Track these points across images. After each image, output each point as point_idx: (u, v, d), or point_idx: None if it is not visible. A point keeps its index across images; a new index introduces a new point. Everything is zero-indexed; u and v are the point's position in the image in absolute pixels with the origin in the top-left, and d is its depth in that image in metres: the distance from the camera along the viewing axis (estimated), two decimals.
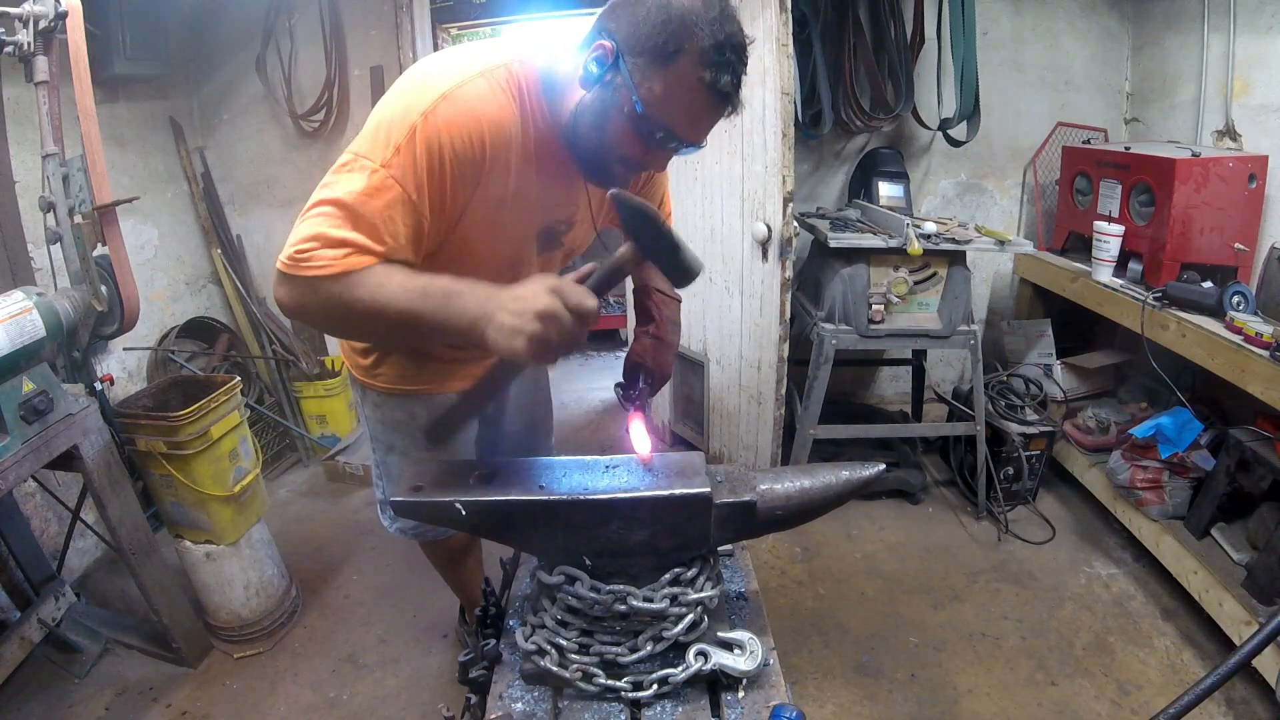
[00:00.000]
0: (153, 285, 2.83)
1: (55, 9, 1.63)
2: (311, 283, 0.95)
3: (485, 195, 1.05)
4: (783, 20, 2.12)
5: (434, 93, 0.97)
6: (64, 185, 1.73)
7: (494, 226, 1.10)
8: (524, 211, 1.12)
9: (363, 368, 1.40)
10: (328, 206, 0.95)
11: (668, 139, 0.99)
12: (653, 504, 0.97)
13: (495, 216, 1.09)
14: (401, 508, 1.01)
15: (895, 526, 2.64)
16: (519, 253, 1.19)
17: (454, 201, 1.02)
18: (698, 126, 1.00)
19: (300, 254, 0.93)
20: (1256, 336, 1.90)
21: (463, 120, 0.97)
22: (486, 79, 1.01)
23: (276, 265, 0.97)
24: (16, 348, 1.54)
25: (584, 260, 1.14)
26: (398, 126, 0.95)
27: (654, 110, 0.96)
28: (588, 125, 1.02)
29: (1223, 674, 0.70)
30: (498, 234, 1.12)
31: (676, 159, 1.11)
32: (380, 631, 2.19)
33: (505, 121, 1.02)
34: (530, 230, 1.17)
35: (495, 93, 1.01)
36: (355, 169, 0.96)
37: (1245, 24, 2.43)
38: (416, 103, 0.96)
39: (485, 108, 0.99)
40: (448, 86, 0.98)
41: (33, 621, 1.90)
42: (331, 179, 0.97)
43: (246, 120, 3.11)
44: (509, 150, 1.03)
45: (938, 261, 2.42)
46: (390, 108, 0.99)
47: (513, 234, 1.14)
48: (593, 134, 1.02)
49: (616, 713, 0.99)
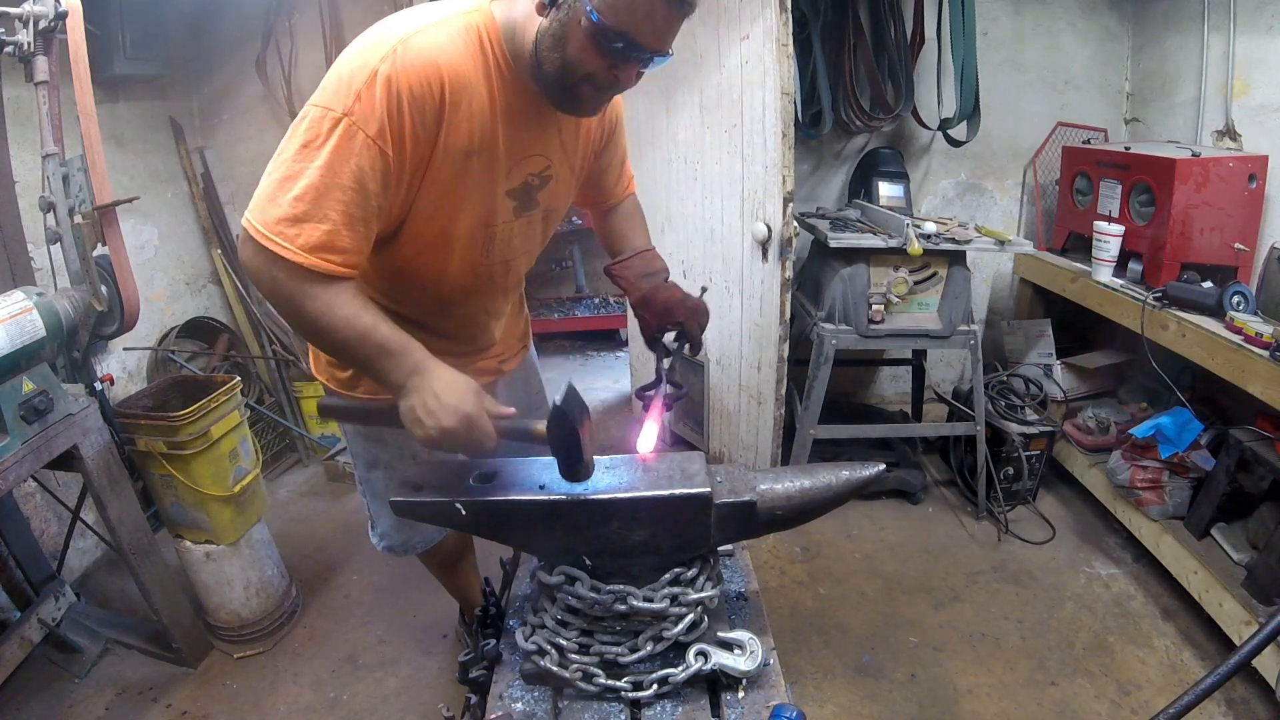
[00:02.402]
0: (153, 285, 2.83)
1: (55, 9, 1.64)
2: (276, 261, 0.97)
3: (450, 144, 1.05)
4: (783, 20, 2.12)
5: (390, 42, 0.98)
6: (64, 185, 1.73)
7: (462, 181, 1.09)
8: (493, 162, 1.11)
9: (341, 381, 1.38)
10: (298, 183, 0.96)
11: (629, 48, 0.99)
12: (653, 504, 0.97)
13: (463, 167, 1.08)
14: (401, 508, 1.01)
15: (895, 526, 2.64)
16: (491, 210, 1.17)
17: (415, 149, 1.02)
18: (657, 31, 0.99)
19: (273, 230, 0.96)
20: (1256, 336, 1.90)
21: (419, 65, 0.98)
22: (443, 28, 1.03)
23: (243, 223, 0.99)
24: (16, 348, 1.54)
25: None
26: (358, 75, 0.96)
27: (609, 18, 0.95)
28: (548, 49, 1.02)
29: (1223, 674, 0.70)
30: (467, 189, 1.11)
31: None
32: (380, 631, 2.19)
33: (464, 68, 1.03)
34: (500, 186, 1.16)
35: (453, 40, 1.02)
36: (320, 123, 0.96)
37: (1245, 24, 2.43)
38: (374, 53, 0.97)
39: (443, 55, 1.00)
40: (404, 34, 0.99)
41: (33, 621, 1.90)
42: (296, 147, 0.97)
43: (246, 120, 3.11)
44: (470, 97, 1.04)
45: (938, 261, 2.42)
46: (348, 61, 0.99)
47: (483, 190, 1.13)
48: (555, 56, 1.02)
49: (616, 713, 1.00)
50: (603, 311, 4.21)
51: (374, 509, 1.59)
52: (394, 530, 1.59)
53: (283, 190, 0.96)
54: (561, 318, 4.17)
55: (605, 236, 1.50)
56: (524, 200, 1.21)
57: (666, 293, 1.36)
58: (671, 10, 0.98)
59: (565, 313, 4.21)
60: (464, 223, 1.15)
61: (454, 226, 1.14)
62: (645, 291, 1.36)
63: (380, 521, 1.60)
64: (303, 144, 0.96)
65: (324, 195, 0.96)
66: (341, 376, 1.37)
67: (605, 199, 1.48)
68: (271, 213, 0.96)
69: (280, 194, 0.96)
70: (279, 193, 0.96)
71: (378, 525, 1.61)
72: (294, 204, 0.95)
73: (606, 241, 1.50)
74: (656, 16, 0.97)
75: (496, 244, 1.22)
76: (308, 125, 0.97)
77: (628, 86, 1.08)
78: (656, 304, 1.35)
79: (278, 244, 0.95)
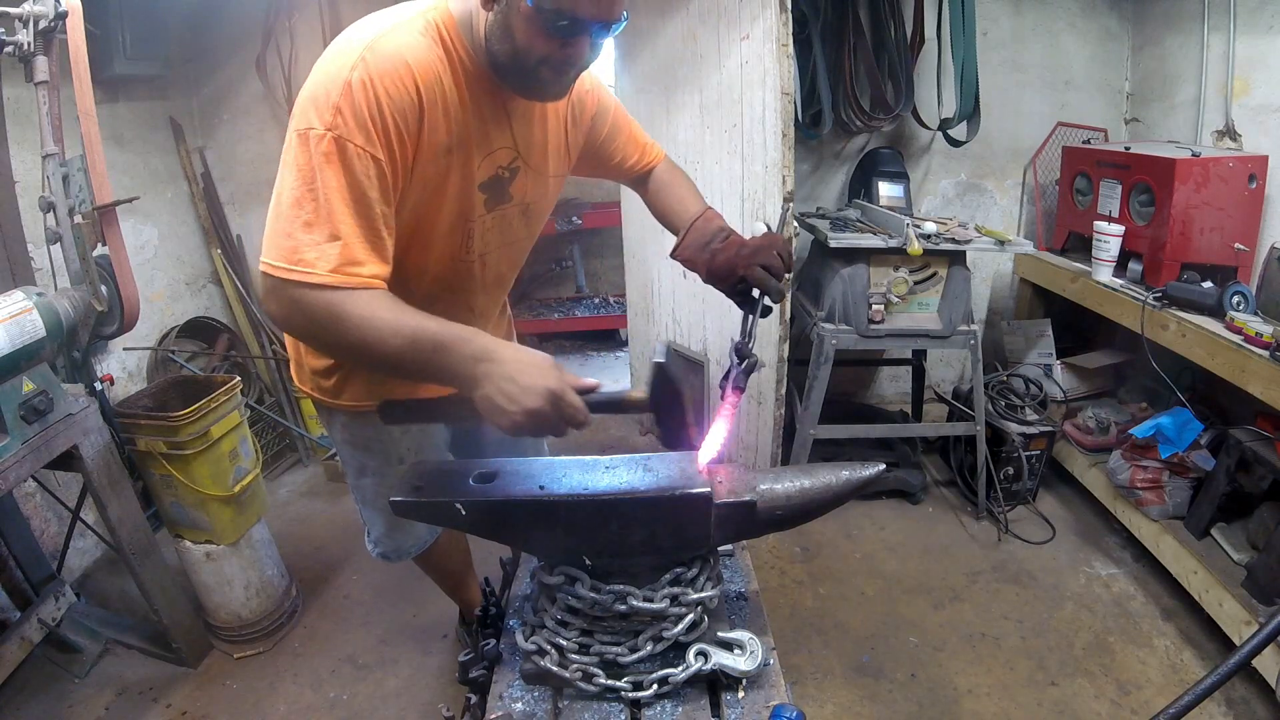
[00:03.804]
0: (153, 285, 2.83)
1: (55, 9, 1.63)
2: (299, 292, 0.94)
3: (432, 141, 1.05)
4: (783, 20, 2.12)
5: (356, 49, 0.97)
6: (64, 185, 1.72)
7: (444, 177, 1.09)
8: (466, 156, 1.11)
9: (326, 389, 1.36)
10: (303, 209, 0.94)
11: (573, 24, 0.97)
12: (653, 504, 0.97)
13: (445, 163, 1.08)
14: (401, 508, 1.01)
15: (895, 526, 2.64)
16: (469, 205, 1.16)
17: (403, 149, 1.01)
18: (596, 1, 0.97)
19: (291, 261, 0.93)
20: (1256, 336, 1.90)
21: (390, 67, 0.98)
22: (405, 29, 1.02)
23: (261, 268, 0.96)
24: (16, 348, 1.54)
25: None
26: (332, 89, 0.95)
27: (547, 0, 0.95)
28: (498, 40, 1.02)
29: (1223, 674, 0.70)
30: (448, 185, 1.11)
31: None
32: (380, 631, 2.19)
33: (431, 64, 1.02)
34: (474, 180, 1.15)
35: (415, 39, 1.02)
36: (305, 146, 0.94)
37: (1245, 24, 2.43)
38: (343, 65, 0.96)
39: (410, 54, 1.00)
40: (369, 39, 0.99)
41: (33, 621, 1.90)
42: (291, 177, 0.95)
43: (246, 120, 3.11)
44: (442, 93, 1.04)
45: (938, 261, 2.42)
46: (318, 80, 0.98)
47: (460, 185, 1.13)
48: (505, 48, 1.02)
49: (616, 713, 0.99)
50: (603, 311, 4.21)
51: (367, 516, 1.59)
52: (386, 536, 1.59)
53: (290, 222, 0.94)
54: (561, 318, 4.17)
55: (656, 215, 1.45)
56: (495, 193, 1.20)
57: (725, 254, 1.22)
58: None
59: (565, 313, 4.20)
60: (445, 219, 1.14)
61: (435, 223, 1.14)
62: (706, 262, 1.25)
63: (373, 528, 1.60)
64: (296, 171, 0.95)
65: (331, 214, 0.94)
66: (326, 385, 1.36)
67: (630, 174, 1.46)
68: (285, 245, 0.94)
69: (289, 226, 0.94)
70: (288, 225, 0.94)
71: (371, 532, 1.62)
72: (304, 230, 0.94)
73: (661, 221, 1.44)
74: None
75: (475, 240, 1.21)
76: (295, 152, 0.95)
77: (586, 61, 1.07)
78: (718, 270, 1.23)
79: (300, 273, 0.93)
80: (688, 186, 1.44)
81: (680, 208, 1.37)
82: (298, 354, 1.40)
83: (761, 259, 1.16)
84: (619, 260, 3.38)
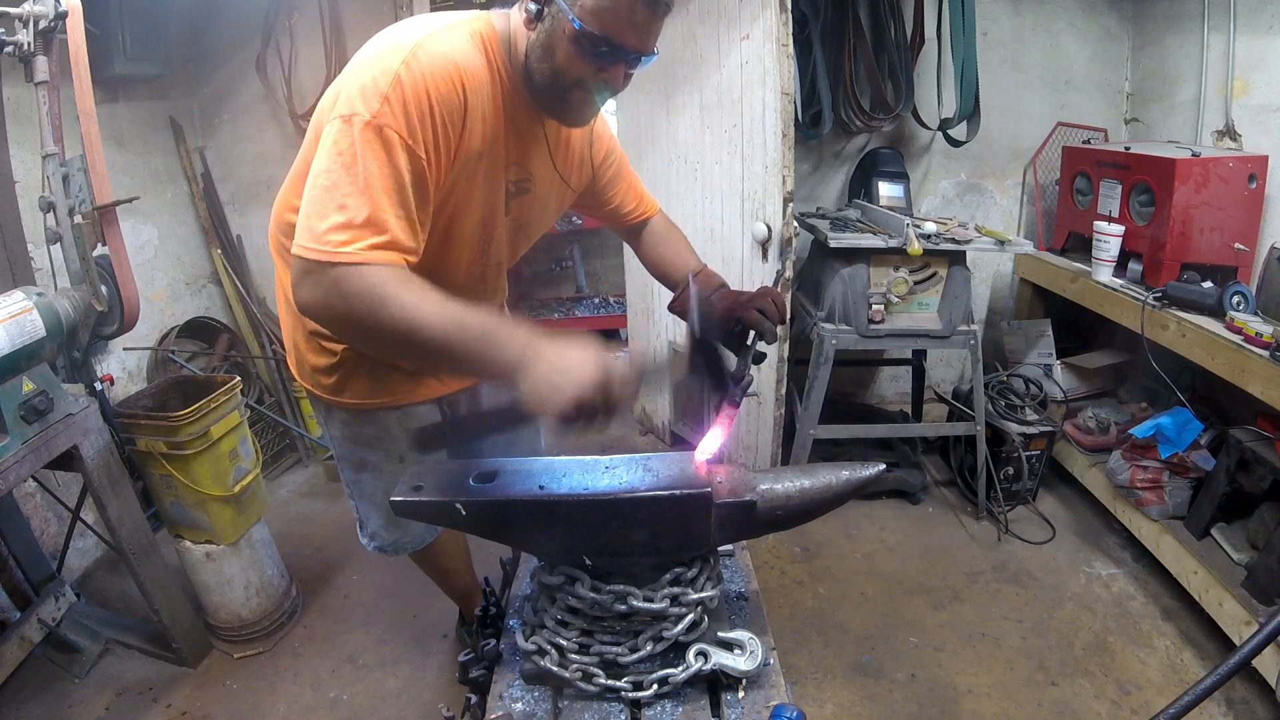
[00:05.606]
0: (153, 285, 2.83)
1: (55, 9, 1.63)
2: (338, 273, 0.90)
3: (469, 145, 1.07)
4: (783, 20, 2.12)
5: (407, 46, 0.99)
6: (64, 185, 1.72)
7: (472, 181, 1.12)
8: (495, 165, 1.14)
9: (327, 387, 1.36)
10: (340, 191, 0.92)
11: (613, 51, 1.02)
12: (653, 504, 0.97)
13: (475, 168, 1.11)
14: (401, 508, 1.00)
15: (895, 526, 2.64)
16: (492, 211, 1.19)
17: (444, 149, 1.02)
18: (638, 31, 1.02)
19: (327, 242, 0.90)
20: (1256, 336, 1.90)
21: (440, 65, 0.99)
22: (453, 32, 1.05)
23: (295, 252, 0.93)
24: (16, 348, 1.54)
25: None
26: (382, 79, 0.96)
27: (591, 23, 0.99)
28: (538, 59, 1.07)
29: (1223, 674, 0.70)
30: (475, 190, 1.13)
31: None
32: (380, 631, 2.19)
33: (478, 71, 1.05)
34: (500, 184, 1.18)
35: (464, 44, 1.05)
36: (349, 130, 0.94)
37: (1245, 24, 2.43)
38: (393, 58, 0.97)
39: (459, 57, 1.02)
40: (419, 38, 1.00)
41: (33, 621, 1.90)
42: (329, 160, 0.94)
43: (246, 120, 3.11)
44: (482, 99, 1.07)
45: (938, 261, 2.42)
46: (365, 70, 0.98)
47: (486, 190, 1.15)
48: (544, 66, 1.06)
49: (616, 713, 0.99)
50: (603, 311, 4.20)
51: (363, 510, 1.60)
52: (384, 530, 1.60)
53: (326, 203, 0.92)
54: (561, 318, 4.16)
55: (650, 266, 1.50)
56: (507, 205, 1.24)
57: (723, 302, 1.27)
58: (650, 11, 1.02)
59: (565, 313, 4.20)
60: (468, 223, 1.17)
61: (459, 226, 1.16)
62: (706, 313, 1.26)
63: (370, 522, 1.61)
64: (336, 154, 0.93)
65: (371, 195, 0.93)
66: (326, 383, 1.36)
67: (623, 221, 1.50)
68: (321, 226, 0.91)
69: (325, 207, 0.92)
70: (324, 207, 0.92)
71: (367, 526, 1.62)
72: (341, 211, 0.91)
73: (655, 272, 1.50)
74: (637, 18, 1.01)
75: (493, 245, 1.24)
76: (336, 136, 0.94)
77: (617, 89, 1.11)
78: (719, 316, 1.26)
79: (339, 254, 0.89)
80: (685, 243, 1.50)
81: (680, 261, 1.44)
82: (297, 350, 1.39)
83: (758, 304, 1.22)
84: (619, 260, 3.38)
